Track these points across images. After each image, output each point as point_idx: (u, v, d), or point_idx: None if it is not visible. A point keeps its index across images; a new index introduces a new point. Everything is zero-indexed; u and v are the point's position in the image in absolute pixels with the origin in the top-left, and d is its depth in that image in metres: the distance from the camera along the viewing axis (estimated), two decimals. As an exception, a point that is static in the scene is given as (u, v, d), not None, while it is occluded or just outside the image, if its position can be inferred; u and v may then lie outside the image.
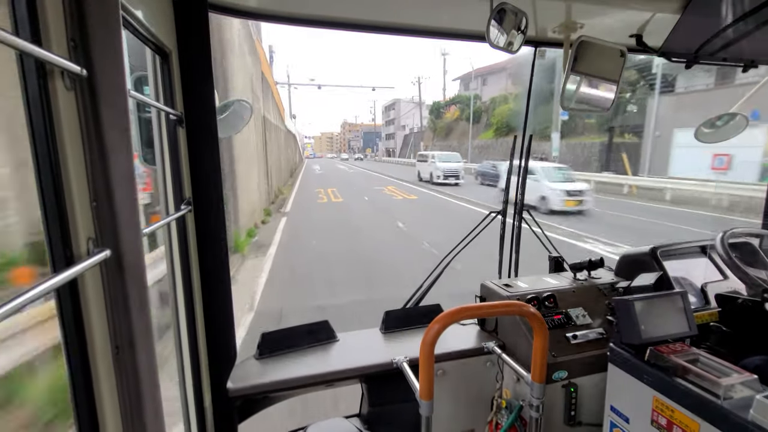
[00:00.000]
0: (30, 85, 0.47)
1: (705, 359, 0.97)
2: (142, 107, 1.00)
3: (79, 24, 0.47)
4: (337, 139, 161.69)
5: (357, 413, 1.67)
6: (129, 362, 0.54)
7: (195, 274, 1.08)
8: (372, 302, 4.59)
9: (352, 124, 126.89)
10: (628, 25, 1.35)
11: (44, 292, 0.41)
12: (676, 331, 1.05)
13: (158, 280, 2.16)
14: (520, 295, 1.40)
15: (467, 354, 1.39)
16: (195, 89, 1.01)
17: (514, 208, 1.87)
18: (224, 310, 1.17)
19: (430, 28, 1.40)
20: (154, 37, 0.84)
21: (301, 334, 1.43)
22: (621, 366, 1.09)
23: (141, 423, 0.55)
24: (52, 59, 0.44)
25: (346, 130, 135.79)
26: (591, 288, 1.48)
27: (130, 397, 0.55)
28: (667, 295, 1.10)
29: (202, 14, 1.00)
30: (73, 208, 0.49)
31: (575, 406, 1.26)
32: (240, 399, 1.22)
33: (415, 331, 1.55)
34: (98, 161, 0.49)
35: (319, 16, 1.28)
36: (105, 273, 0.52)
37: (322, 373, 1.28)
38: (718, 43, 1.35)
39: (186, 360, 1.07)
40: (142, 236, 0.55)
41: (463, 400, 1.40)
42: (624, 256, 1.56)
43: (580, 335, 1.29)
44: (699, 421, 0.89)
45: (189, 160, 1.03)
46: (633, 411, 1.06)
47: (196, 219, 1.07)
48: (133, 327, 0.54)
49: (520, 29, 1.15)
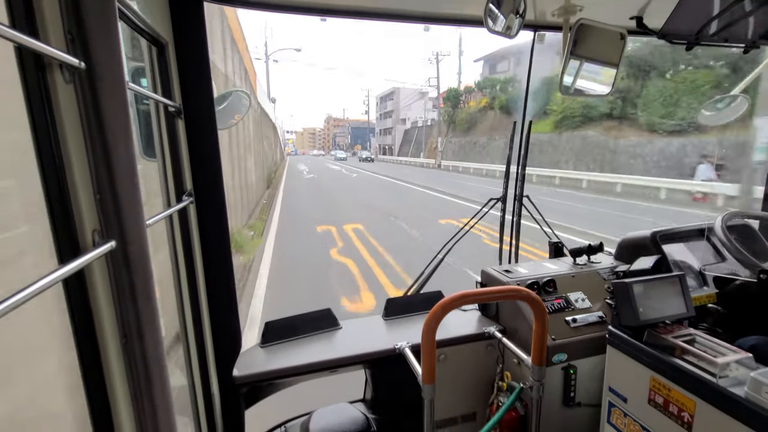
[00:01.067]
0: (29, 79, 0.47)
1: (702, 339, 0.99)
2: (140, 99, 1.00)
3: (75, 16, 0.47)
4: (320, 136, 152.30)
5: (361, 398, 1.70)
6: (138, 350, 0.55)
7: (198, 265, 1.09)
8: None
9: (338, 119, 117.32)
10: (628, 6, 1.34)
11: (52, 282, 0.42)
12: (674, 312, 1.07)
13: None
14: (520, 280, 1.41)
15: (468, 339, 1.41)
16: (192, 80, 1.01)
17: (514, 194, 1.87)
18: (228, 299, 1.19)
19: (427, 14, 1.38)
20: (150, 28, 0.83)
21: (304, 322, 1.46)
22: (619, 348, 1.11)
23: (152, 407, 0.57)
24: (51, 52, 0.44)
25: (331, 125, 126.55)
26: (590, 272, 1.49)
27: (140, 383, 0.56)
28: (666, 278, 1.11)
29: (197, 4, 0.99)
30: (77, 200, 0.50)
31: (574, 387, 1.28)
32: (246, 386, 1.25)
33: (416, 318, 1.57)
34: (100, 153, 0.50)
35: (313, 3, 1.27)
36: (111, 264, 0.53)
37: (326, 360, 1.30)
38: (719, 24, 1.34)
39: (192, 349, 1.09)
40: (146, 227, 0.56)
41: (464, 384, 1.43)
42: (624, 240, 1.57)
43: (579, 319, 1.31)
44: (695, 399, 0.91)
45: (189, 152, 1.03)
46: (631, 391, 1.08)
47: (198, 210, 1.08)
48: (140, 316, 0.55)
49: (519, 13, 1.14)
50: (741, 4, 1.22)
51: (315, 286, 5.00)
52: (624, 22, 1.39)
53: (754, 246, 1.46)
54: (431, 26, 12.85)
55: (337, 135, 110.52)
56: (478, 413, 1.46)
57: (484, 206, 1.89)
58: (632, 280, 1.08)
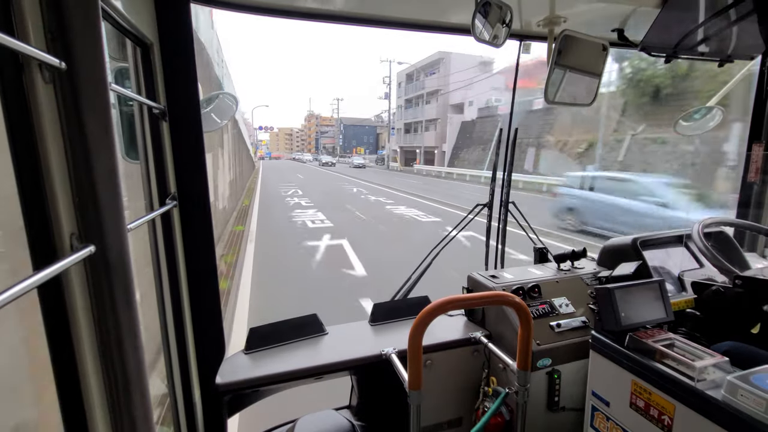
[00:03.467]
0: (6, 79, 0.46)
1: (680, 344, 1.01)
2: (123, 101, 0.98)
3: (56, 15, 0.46)
4: (299, 137, 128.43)
5: (347, 405, 1.69)
6: (117, 359, 0.54)
7: (182, 270, 1.07)
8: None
9: (324, 118, 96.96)
10: (610, 19, 1.38)
11: (26, 289, 0.41)
12: (654, 317, 1.10)
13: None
14: (505, 285, 1.42)
15: (455, 344, 1.42)
16: (177, 82, 0.99)
17: (500, 200, 1.90)
18: (212, 304, 1.17)
19: (415, 21, 1.40)
20: (134, 29, 0.82)
21: (289, 328, 1.44)
22: (602, 352, 1.13)
23: (130, 418, 0.55)
24: (30, 51, 0.43)
25: (311, 123, 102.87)
26: (574, 278, 1.52)
27: (119, 394, 0.54)
28: (646, 283, 1.14)
29: (183, 5, 0.98)
30: (55, 203, 0.48)
31: (558, 391, 1.30)
32: (229, 393, 1.22)
33: (403, 323, 1.57)
34: (80, 156, 0.48)
35: (300, 8, 1.27)
36: (89, 269, 0.52)
37: (312, 366, 1.29)
38: (696, 38, 1.39)
39: (174, 356, 1.07)
40: (127, 232, 0.55)
41: (451, 389, 1.43)
42: (606, 247, 1.61)
43: (563, 324, 1.33)
44: (674, 403, 0.93)
45: (173, 155, 1.01)
46: (613, 395, 1.10)
47: (182, 214, 1.06)
48: (120, 323, 0.54)
49: (505, 23, 1.16)
50: (716, 21, 1.27)
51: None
52: (606, 33, 1.43)
53: (730, 252, 1.51)
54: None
55: (323, 134, 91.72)
56: (464, 418, 1.47)
57: (470, 212, 1.91)
58: (614, 285, 1.10)
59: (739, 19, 1.28)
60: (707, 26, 1.31)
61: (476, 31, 1.15)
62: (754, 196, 1.85)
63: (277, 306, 4.54)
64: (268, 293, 4.93)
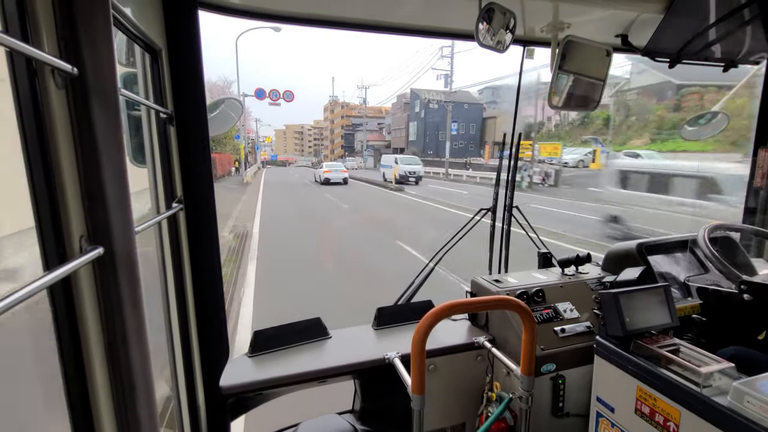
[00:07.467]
0: (21, 84, 0.47)
1: (686, 349, 1.00)
2: (131, 105, 1.00)
3: (69, 22, 0.48)
4: (311, 135, 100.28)
5: (350, 409, 1.68)
6: (123, 358, 0.54)
7: (187, 272, 1.08)
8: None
9: (348, 106, 62.43)
10: (614, 24, 1.38)
11: (37, 289, 0.42)
12: (659, 322, 1.09)
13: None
14: (509, 290, 1.42)
15: (458, 349, 1.41)
16: (185, 87, 1.01)
17: (503, 206, 1.89)
18: (216, 308, 1.17)
19: (419, 27, 1.41)
20: (143, 35, 0.83)
21: (293, 331, 1.44)
22: (606, 357, 1.12)
23: (135, 418, 0.56)
24: (43, 57, 0.44)
25: (336, 114, 66.18)
26: (578, 283, 1.51)
27: (124, 392, 0.55)
28: (651, 288, 1.13)
29: (192, 12, 1.00)
30: (65, 206, 0.49)
31: (563, 397, 1.29)
32: (233, 397, 1.23)
33: (406, 327, 1.56)
34: (90, 159, 0.49)
35: (307, 14, 1.28)
36: (98, 270, 0.52)
37: (315, 370, 1.29)
38: (700, 43, 1.39)
39: (178, 358, 1.07)
40: (134, 234, 0.56)
41: (454, 394, 1.43)
42: (610, 252, 1.60)
43: (568, 329, 1.32)
44: (680, 409, 0.92)
45: (180, 159, 1.03)
46: (618, 401, 1.09)
47: (188, 217, 1.07)
48: (126, 324, 0.54)
49: (509, 28, 1.17)
50: (720, 26, 1.27)
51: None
52: (610, 39, 1.44)
53: (736, 258, 1.50)
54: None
55: (352, 131, 62.13)
56: (468, 424, 1.46)
57: (474, 216, 1.91)
58: (619, 290, 1.09)
59: (743, 25, 1.28)
60: (711, 32, 1.31)
61: (480, 37, 1.16)
62: (760, 201, 1.83)
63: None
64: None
